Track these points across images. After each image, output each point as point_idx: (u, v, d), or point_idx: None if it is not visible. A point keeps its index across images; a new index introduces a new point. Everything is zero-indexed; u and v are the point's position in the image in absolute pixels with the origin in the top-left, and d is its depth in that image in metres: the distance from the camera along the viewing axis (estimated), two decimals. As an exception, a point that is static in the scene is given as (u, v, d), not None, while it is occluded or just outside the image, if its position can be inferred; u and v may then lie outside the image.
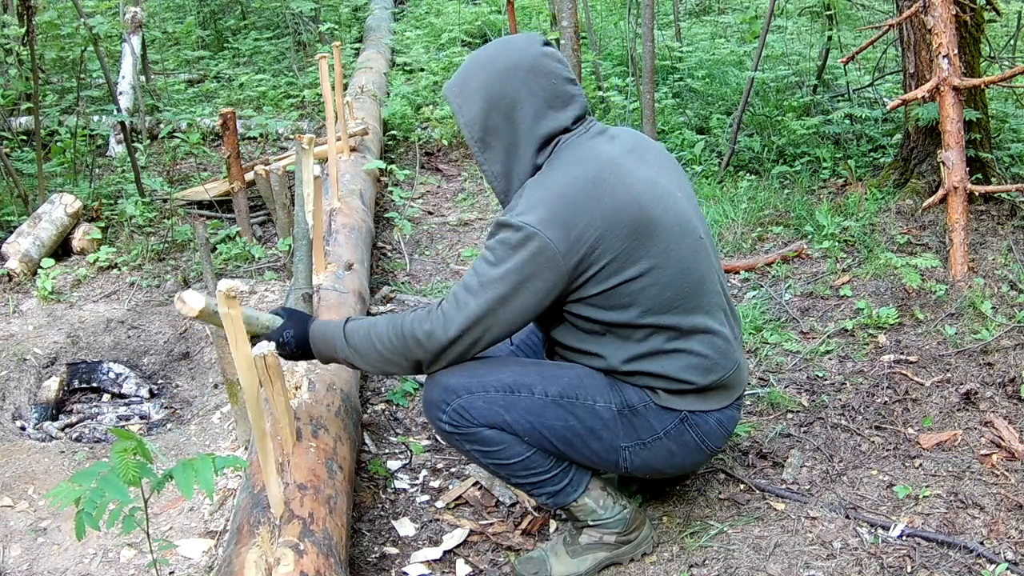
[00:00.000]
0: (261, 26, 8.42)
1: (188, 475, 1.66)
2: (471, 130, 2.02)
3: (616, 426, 2.04)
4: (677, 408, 2.06)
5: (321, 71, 3.90)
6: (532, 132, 1.99)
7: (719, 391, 2.10)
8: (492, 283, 1.90)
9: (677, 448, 2.09)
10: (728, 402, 2.13)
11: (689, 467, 2.21)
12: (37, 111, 4.82)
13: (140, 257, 4.20)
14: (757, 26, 6.98)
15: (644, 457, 2.09)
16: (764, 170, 4.79)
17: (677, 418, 2.07)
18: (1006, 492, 2.38)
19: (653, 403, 2.06)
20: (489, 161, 2.03)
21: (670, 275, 1.97)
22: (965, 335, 3.09)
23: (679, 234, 2.00)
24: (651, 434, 2.07)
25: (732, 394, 2.14)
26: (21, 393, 3.28)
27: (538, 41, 2.03)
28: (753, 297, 3.57)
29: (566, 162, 1.97)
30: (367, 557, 2.32)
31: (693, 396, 2.07)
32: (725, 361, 2.08)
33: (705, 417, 2.09)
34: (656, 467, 2.14)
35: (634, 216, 1.93)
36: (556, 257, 1.88)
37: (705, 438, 2.11)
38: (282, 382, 1.86)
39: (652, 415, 2.06)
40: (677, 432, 2.08)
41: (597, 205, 1.90)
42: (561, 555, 2.22)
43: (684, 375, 2.03)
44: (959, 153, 3.46)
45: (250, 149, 5.85)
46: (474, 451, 2.05)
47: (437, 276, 4.09)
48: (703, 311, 2.04)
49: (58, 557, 2.36)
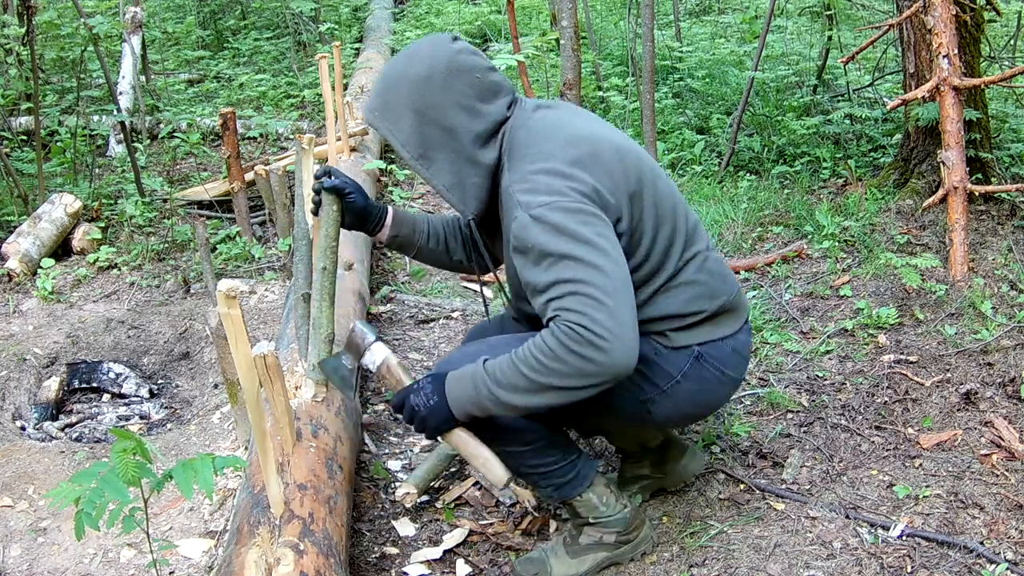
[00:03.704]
0: (261, 26, 8.43)
1: (188, 475, 1.66)
2: (409, 150, 1.93)
3: (631, 382, 1.96)
4: (689, 344, 2.02)
5: (321, 71, 3.91)
6: (473, 132, 1.92)
7: (727, 315, 2.07)
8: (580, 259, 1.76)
9: (698, 387, 2.05)
10: (738, 326, 2.09)
11: (716, 403, 2.15)
12: (37, 111, 4.82)
13: (140, 257, 4.20)
14: (757, 26, 6.98)
15: (668, 405, 2.05)
16: (764, 170, 4.79)
17: (691, 357, 2.02)
18: (1006, 492, 2.38)
19: (663, 348, 2.01)
20: (437, 175, 1.94)
21: (659, 213, 1.96)
22: (965, 335, 3.09)
23: (651, 170, 1.98)
24: (668, 380, 2.02)
25: (740, 316, 2.10)
26: (21, 393, 3.28)
27: (446, 40, 1.96)
28: (753, 297, 3.57)
29: (533, 141, 1.92)
30: (367, 557, 2.32)
31: (704, 326, 2.03)
32: (725, 284, 2.06)
33: (719, 347, 2.05)
34: (684, 411, 2.09)
35: (620, 164, 1.91)
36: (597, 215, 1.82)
37: (724, 368, 2.06)
38: (282, 382, 1.86)
39: (664, 360, 2.02)
40: (694, 371, 2.03)
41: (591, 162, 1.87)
42: (561, 555, 2.22)
43: (692, 307, 2.00)
44: (959, 153, 3.45)
45: (250, 149, 5.85)
46: (487, 436, 2.03)
47: (437, 276, 4.09)
48: (688, 238, 2.02)
49: (58, 557, 2.36)
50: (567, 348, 1.73)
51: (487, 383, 1.83)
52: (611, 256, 1.79)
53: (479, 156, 1.93)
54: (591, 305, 1.73)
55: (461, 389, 1.88)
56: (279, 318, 3.48)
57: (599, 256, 1.77)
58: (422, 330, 3.59)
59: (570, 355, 1.73)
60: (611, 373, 1.75)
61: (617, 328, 1.73)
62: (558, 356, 1.74)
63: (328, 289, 2.13)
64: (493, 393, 1.83)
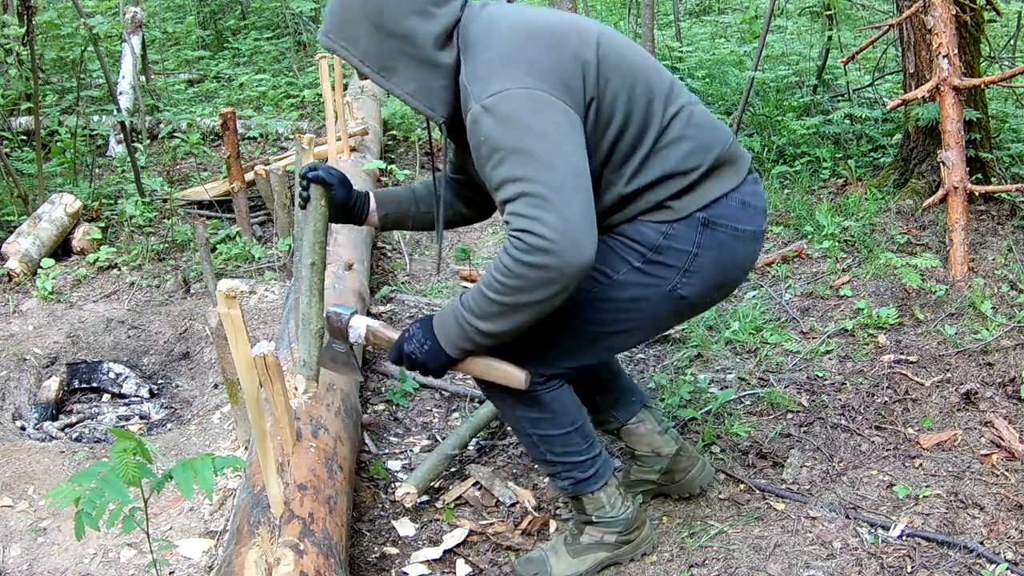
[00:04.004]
0: (261, 26, 8.43)
1: (188, 475, 1.66)
2: (370, 64, 1.89)
3: (651, 277, 1.95)
4: (692, 212, 1.95)
5: (321, 71, 3.91)
6: (430, 36, 1.88)
7: (726, 168, 2.00)
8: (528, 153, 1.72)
9: (718, 253, 1.98)
10: (741, 177, 2.02)
11: (744, 262, 2.05)
12: (37, 111, 4.82)
13: (140, 257, 4.20)
14: (757, 26, 6.98)
15: (697, 283, 1.99)
16: (764, 170, 4.79)
17: (698, 225, 1.95)
18: (1006, 492, 2.38)
19: (671, 225, 1.95)
20: (401, 84, 1.90)
21: (628, 72, 1.90)
22: (965, 335, 3.09)
23: (610, 34, 1.94)
24: (686, 258, 1.97)
25: (740, 167, 2.03)
26: (21, 393, 3.28)
27: None
28: (753, 297, 3.57)
29: (485, 31, 1.88)
30: (367, 557, 2.32)
31: (704, 184, 1.97)
32: (716, 135, 2.00)
33: (726, 204, 1.98)
34: (715, 282, 2.02)
35: (576, 37, 1.87)
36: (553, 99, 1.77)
37: (736, 224, 1.99)
38: (282, 382, 1.86)
39: (676, 240, 1.96)
40: (707, 239, 1.97)
41: (543, 43, 1.83)
42: (562, 555, 2.22)
43: (687, 163, 1.94)
44: (959, 153, 3.46)
45: (250, 149, 5.85)
46: (525, 418, 2.04)
47: (437, 276, 4.09)
48: (668, 94, 1.96)
49: (58, 557, 2.36)
50: (520, 262, 1.71)
51: (466, 317, 1.83)
52: (563, 148, 1.75)
53: (439, 58, 1.90)
54: (538, 205, 1.69)
55: (447, 328, 1.89)
56: (279, 318, 3.48)
57: (549, 149, 1.73)
58: (422, 330, 3.59)
59: (525, 267, 1.71)
60: (568, 274, 1.71)
61: (564, 225, 1.69)
62: (515, 272, 1.72)
63: (316, 285, 2.14)
64: (473, 325, 1.82)
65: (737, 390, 2.95)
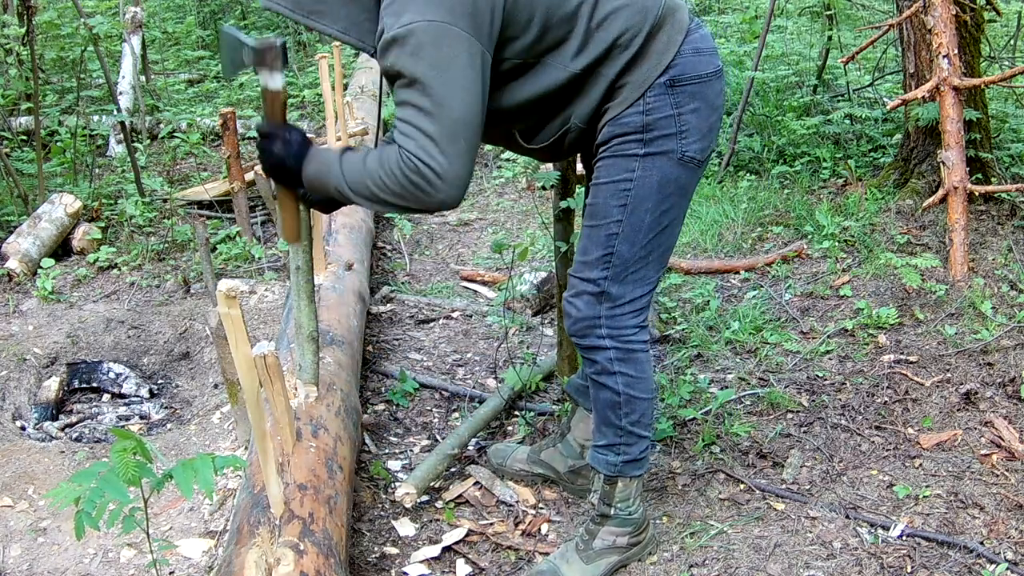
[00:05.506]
0: (261, 26, 8.43)
1: (188, 475, 1.66)
2: (299, 10, 1.94)
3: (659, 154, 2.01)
4: (655, 78, 1.99)
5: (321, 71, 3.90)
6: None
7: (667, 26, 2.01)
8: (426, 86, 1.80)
9: (694, 104, 2.03)
10: (683, 29, 2.03)
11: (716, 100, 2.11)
12: (37, 111, 4.82)
13: (140, 257, 4.20)
14: (757, 26, 6.97)
15: (693, 138, 2.05)
16: (764, 170, 4.79)
17: (665, 88, 2.00)
18: (1006, 492, 2.38)
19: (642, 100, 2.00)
20: (331, 23, 1.95)
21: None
22: (965, 335, 3.09)
23: None
24: (673, 122, 2.02)
25: (680, 21, 2.04)
26: (21, 393, 3.28)
27: None
28: (753, 297, 3.57)
29: None
30: (367, 557, 2.32)
31: (652, 47, 2.00)
32: None
33: (681, 59, 2.01)
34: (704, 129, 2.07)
35: None
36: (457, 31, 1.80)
37: (696, 71, 2.03)
38: (282, 382, 1.86)
39: (656, 111, 2.01)
40: (678, 98, 2.02)
41: None
42: (574, 562, 2.20)
43: (630, 23, 1.96)
44: (959, 153, 3.46)
45: (250, 149, 5.84)
46: (622, 375, 2.11)
47: (437, 276, 4.09)
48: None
49: (58, 557, 2.36)
50: (404, 176, 1.82)
51: (339, 173, 1.92)
52: (459, 84, 1.82)
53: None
54: (429, 142, 1.81)
55: (319, 164, 1.95)
56: (279, 318, 3.48)
57: (445, 84, 1.80)
58: (422, 330, 3.59)
59: (406, 182, 1.83)
60: (435, 206, 1.88)
61: (447, 168, 1.82)
62: (397, 179, 1.84)
63: (305, 288, 2.14)
64: (339, 184, 1.92)
65: (737, 390, 2.95)
